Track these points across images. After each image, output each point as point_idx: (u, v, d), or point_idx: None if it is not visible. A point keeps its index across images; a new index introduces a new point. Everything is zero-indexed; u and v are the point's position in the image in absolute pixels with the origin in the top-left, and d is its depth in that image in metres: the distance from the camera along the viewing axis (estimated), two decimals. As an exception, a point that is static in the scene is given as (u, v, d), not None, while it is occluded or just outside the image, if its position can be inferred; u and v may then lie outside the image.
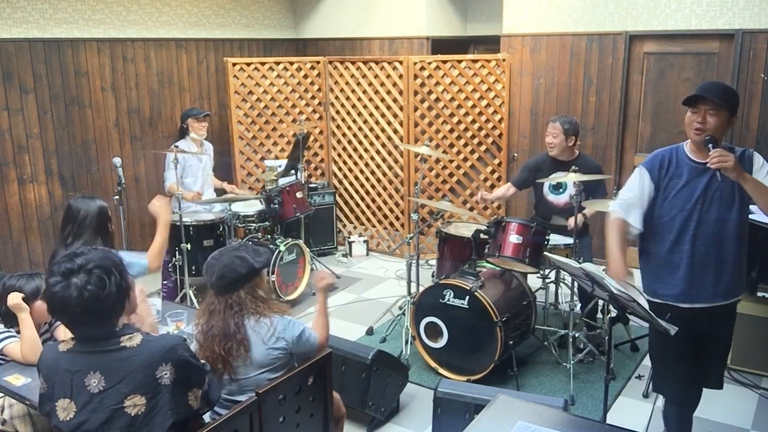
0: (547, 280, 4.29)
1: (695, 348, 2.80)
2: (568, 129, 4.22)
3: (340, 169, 6.47)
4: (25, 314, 2.72)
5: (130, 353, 1.94)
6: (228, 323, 2.46)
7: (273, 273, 4.77)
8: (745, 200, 2.62)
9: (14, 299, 2.71)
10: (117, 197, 4.05)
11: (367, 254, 6.28)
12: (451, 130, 5.84)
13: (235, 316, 2.48)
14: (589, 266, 2.61)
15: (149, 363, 1.95)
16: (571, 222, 4.00)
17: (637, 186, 2.77)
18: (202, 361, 2.16)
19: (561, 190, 4.35)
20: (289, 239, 5.07)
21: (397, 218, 6.18)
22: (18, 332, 2.79)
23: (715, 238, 2.65)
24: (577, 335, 3.99)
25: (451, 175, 5.97)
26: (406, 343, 4.16)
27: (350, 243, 6.26)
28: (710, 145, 2.52)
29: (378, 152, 6.13)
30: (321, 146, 6.49)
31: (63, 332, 2.82)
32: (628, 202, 2.79)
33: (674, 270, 2.73)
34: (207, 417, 2.49)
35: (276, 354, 2.51)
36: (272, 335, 2.49)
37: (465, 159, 5.90)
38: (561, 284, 4.49)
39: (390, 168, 6.08)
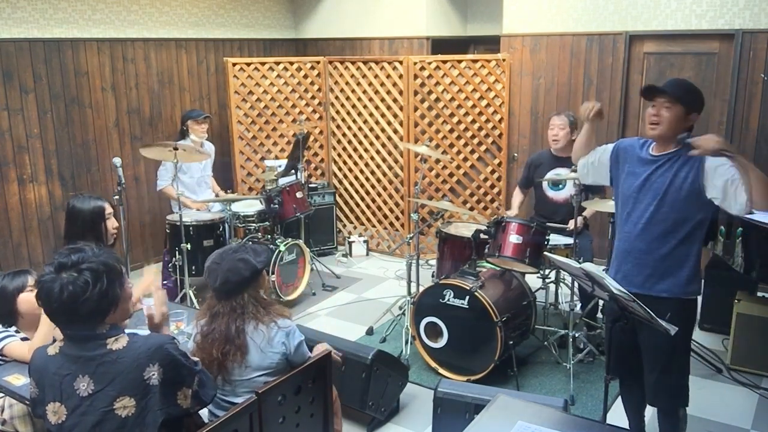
0: (547, 280, 4.29)
1: (636, 346, 2.80)
2: (573, 121, 4.26)
3: (340, 169, 6.47)
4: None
5: (116, 356, 1.94)
6: (230, 327, 2.46)
7: (273, 273, 4.77)
8: (691, 200, 2.59)
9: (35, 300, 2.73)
10: (117, 197, 4.05)
11: (367, 254, 6.28)
12: (451, 130, 5.84)
13: (237, 320, 2.47)
14: (589, 266, 2.60)
15: (136, 364, 1.94)
16: (571, 224, 4.02)
17: (602, 149, 2.96)
18: (194, 359, 2.16)
19: (560, 186, 4.36)
20: (289, 239, 5.07)
21: (397, 218, 6.18)
22: (17, 331, 2.80)
23: (643, 229, 2.68)
24: (577, 335, 3.99)
25: (451, 175, 5.97)
26: (406, 343, 4.16)
27: (350, 243, 6.26)
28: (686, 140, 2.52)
29: (378, 152, 6.13)
30: (321, 146, 6.49)
31: (59, 333, 2.82)
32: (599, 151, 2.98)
33: (613, 252, 2.85)
34: (205, 417, 2.49)
35: (276, 359, 2.51)
36: (268, 343, 2.49)
37: (465, 159, 5.89)
38: (561, 284, 4.49)
39: (390, 168, 6.08)
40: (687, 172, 2.59)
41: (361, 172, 6.30)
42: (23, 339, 2.77)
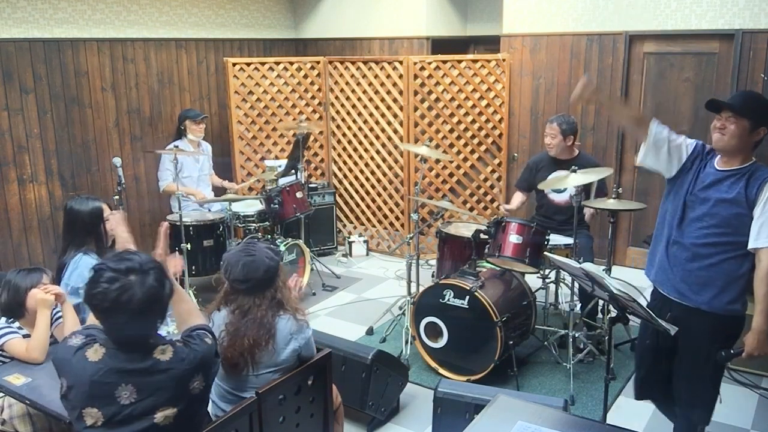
0: (547, 280, 4.29)
1: (667, 356, 2.79)
2: (566, 129, 4.24)
3: (340, 169, 6.47)
4: (47, 311, 2.74)
5: (163, 367, 1.94)
6: (266, 314, 2.47)
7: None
8: (746, 217, 2.53)
9: (40, 294, 2.75)
10: (117, 197, 4.06)
11: (367, 254, 6.28)
12: (451, 130, 5.84)
13: (271, 309, 2.50)
14: (589, 266, 2.60)
15: (182, 376, 1.97)
16: (588, 213, 4.10)
17: (681, 139, 2.71)
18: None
19: (562, 188, 4.37)
20: (289, 239, 5.07)
21: (397, 218, 6.18)
22: (19, 328, 2.81)
23: (694, 238, 2.63)
24: (577, 335, 3.99)
25: (451, 175, 5.97)
26: (406, 343, 4.16)
27: (350, 243, 6.26)
28: None
29: (378, 152, 6.12)
30: (321, 146, 6.49)
31: (61, 332, 2.83)
32: (665, 134, 2.70)
33: (655, 252, 2.81)
34: (211, 414, 2.49)
35: (287, 354, 2.52)
36: (289, 332, 2.51)
37: (465, 159, 5.89)
38: (561, 284, 4.49)
39: (390, 168, 6.08)
40: (748, 190, 2.52)
41: (361, 172, 6.30)
42: (25, 336, 2.78)
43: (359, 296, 5.29)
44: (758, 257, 2.51)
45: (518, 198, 4.66)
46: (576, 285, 3.99)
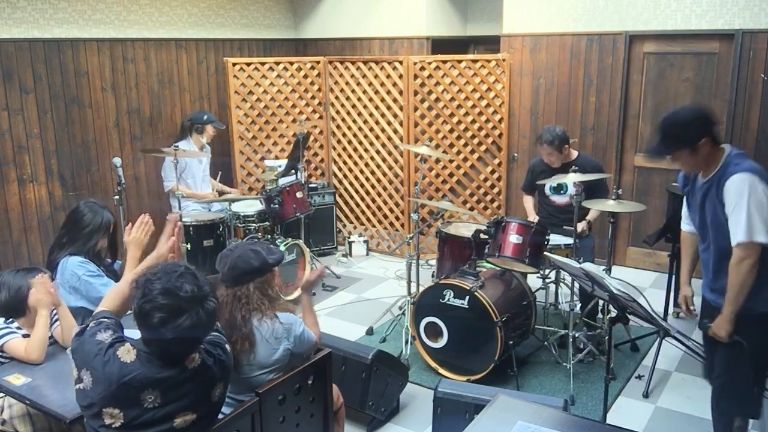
0: (547, 280, 4.29)
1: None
2: (558, 143, 4.25)
3: (340, 169, 6.47)
4: (46, 311, 2.74)
5: (190, 374, 1.96)
6: (234, 315, 2.46)
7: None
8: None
9: (41, 293, 2.75)
10: (117, 197, 4.06)
11: (367, 254, 6.28)
12: (451, 130, 5.84)
13: (242, 309, 2.48)
14: (589, 266, 2.61)
15: (207, 384, 2.00)
16: (579, 227, 4.04)
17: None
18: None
19: (562, 191, 4.38)
20: (289, 239, 5.07)
21: (397, 218, 6.18)
22: (18, 328, 2.81)
23: (709, 247, 2.75)
24: (577, 335, 3.99)
25: (451, 175, 5.97)
26: (406, 343, 4.16)
27: (350, 243, 6.26)
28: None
29: (378, 152, 6.13)
30: (321, 146, 6.49)
31: (59, 332, 2.83)
32: (684, 213, 2.97)
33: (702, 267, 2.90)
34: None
35: (278, 355, 2.51)
36: (273, 335, 2.49)
37: (465, 159, 5.90)
38: (561, 284, 4.49)
39: (390, 168, 6.08)
40: (719, 195, 2.61)
41: (361, 172, 6.30)
42: (24, 336, 2.78)
43: (359, 296, 5.29)
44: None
45: (530, 202, 4.71)
46: (576, 285, 3.99)
